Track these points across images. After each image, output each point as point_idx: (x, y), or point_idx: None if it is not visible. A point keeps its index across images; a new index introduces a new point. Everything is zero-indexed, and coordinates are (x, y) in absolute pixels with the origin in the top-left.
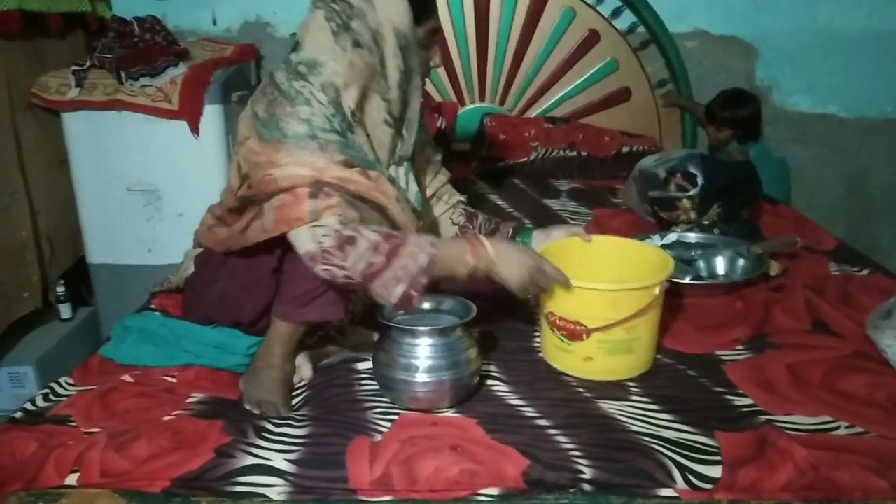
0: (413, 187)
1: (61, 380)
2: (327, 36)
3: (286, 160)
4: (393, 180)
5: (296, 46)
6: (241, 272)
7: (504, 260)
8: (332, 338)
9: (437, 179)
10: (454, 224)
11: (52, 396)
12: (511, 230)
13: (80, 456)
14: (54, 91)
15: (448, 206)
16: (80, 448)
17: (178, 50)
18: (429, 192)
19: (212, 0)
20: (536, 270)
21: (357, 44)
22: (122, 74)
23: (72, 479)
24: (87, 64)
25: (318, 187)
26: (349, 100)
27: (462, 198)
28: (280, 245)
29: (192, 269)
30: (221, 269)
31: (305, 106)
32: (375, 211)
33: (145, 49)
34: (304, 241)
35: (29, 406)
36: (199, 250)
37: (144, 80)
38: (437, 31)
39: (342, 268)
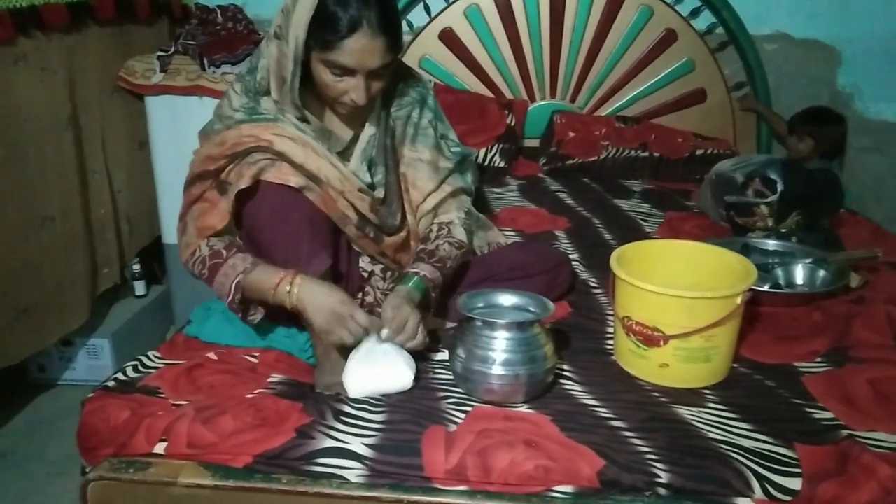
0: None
1: (149, 353)
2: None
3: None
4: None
5: None
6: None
7: (310, 304)
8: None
9: (439, 193)
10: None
11: (140, 368)
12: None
13: (170, 426)
14: (140, 75)
15: (431, 223)
16: (170, 419)
17: (259, 39)
18: (429, 205)
19: None
20: (343, 318)
21: (276, 35)
22: (205, 61)
23: (160, 448)
24: (172, 50)
25: (202, 178)
26: (274, 89)
27: (451, 218)
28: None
29: None
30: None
31: (223, 100)
32: (275, 157)
33: (227, 37)
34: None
35: (120, 376)
36: None
37: (226, 68)
38: (348, 69)
39: (187, 266)
